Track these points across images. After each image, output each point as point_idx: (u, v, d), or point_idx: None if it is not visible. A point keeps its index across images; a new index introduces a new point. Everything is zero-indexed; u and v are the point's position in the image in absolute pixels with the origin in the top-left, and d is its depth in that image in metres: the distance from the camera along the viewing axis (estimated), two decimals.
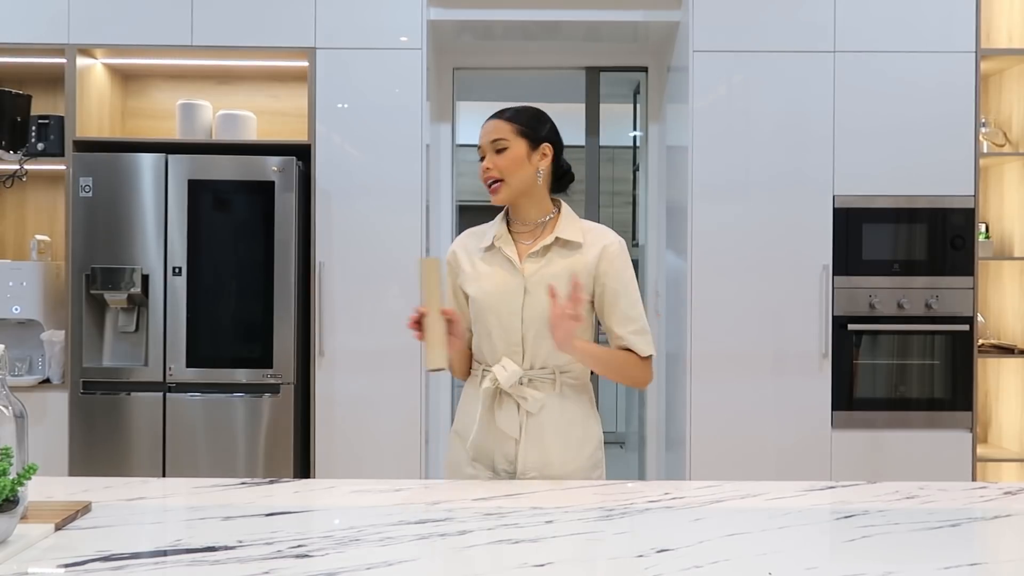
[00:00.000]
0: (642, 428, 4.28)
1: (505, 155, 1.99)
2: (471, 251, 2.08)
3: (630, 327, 2.00)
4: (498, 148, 1.99)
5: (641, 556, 1.40)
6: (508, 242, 2.03)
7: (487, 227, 2.10)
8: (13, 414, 1.49)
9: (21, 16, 3.59)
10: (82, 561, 1.33)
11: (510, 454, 1.98)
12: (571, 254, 2.00)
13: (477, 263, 2.05)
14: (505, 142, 1.99)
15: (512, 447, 1.98)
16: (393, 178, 3.60)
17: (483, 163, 2.02)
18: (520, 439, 1.97)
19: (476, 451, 2.01)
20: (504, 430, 1.97)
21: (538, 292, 1.96)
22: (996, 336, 3.89)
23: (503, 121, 2.02)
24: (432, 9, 3.68)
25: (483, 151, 2.02)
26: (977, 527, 1.60)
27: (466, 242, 2.11)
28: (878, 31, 3.55)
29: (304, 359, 3.61)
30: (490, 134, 2.01)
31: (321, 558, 1.36)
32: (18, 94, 3.46)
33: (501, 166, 1.99)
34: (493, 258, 2.04)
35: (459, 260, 2.09)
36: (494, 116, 2.04)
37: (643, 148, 4.36)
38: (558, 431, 1.98)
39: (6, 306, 3.60)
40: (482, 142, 2.02)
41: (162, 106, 4.00)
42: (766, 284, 3.55)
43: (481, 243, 2.06)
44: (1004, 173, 3.88)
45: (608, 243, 2.01)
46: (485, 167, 2.01)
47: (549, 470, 1.97)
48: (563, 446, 1.98)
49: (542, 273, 1.98)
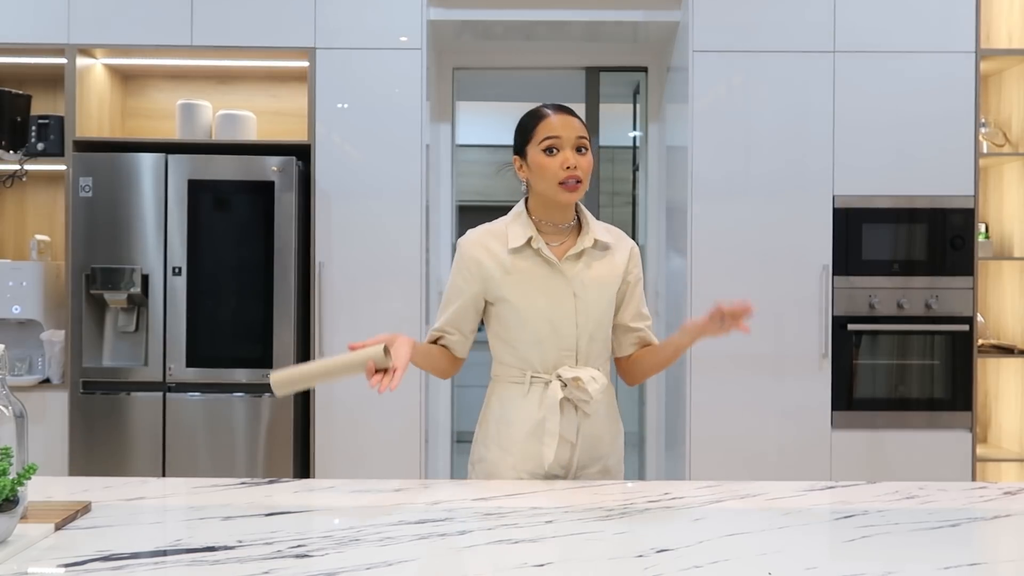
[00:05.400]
0: (642, 428, 4.28)
1: (587, 157, 1.92)
2: (495, 253, 1.95)
3: (645, 322, 2.06)
4: (581, 147, 1.91)
5: (641, 556, 1.40)
6: (543, 244, 1.94)
7: (499, 225, 1.99)
8: (13, 414, 1.49)
9: (21, 16, 3.59)
10: (82, 561, 1.33)
11: (564, 458, 1.96)
12: (604, 255, 1.99)
13: (508, 266, 1.94)
14: (587, 143, 1.93)
15: (568, 451, 1.95)
16: (393, 178, 3.60)
17: (556, 156, 1.90)
18: (576, 442, 1.96)
19: (542, 466, 1.94)
20: (564, 436, 1.94)
21: (586, 295, 1.94)
22: (996, 336, 3.89)
23: (581, 122, 1.95)
24: (432, 9, 3.68)
25: (560, 143, 1.90)
26: (977, 527, 1.60)
27: (486, 243, 1.97)
28: (878, 31, 3.55)
29: (304, 359, 3.60)
30: (576, 129, 1.92)
31: (321, 558, 1.36)
32: (18, 94, 3.46)
33: (585, 168, 1.91)
34: (526, 259, 1.94)
35: (485, 266, 1.95)
36: (569, 112, 1.95)
37: (643, 148, 4.36)
38: (604, 425, 2.00)
39: (6, 306, 3.60)
40: (564, 134, 1.90)
41: (162, 106, 4.00)
42: (766, 284, 3.55)
43: (507, 243, 1.95)
44: (1004, 173, 3.88)
45: (632, 244, 2.05)
46: (572, 164, 1.89)
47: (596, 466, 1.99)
48: (610, 439, 2.01)
49: (583, 276, 1.94)
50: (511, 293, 1.94)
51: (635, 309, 2.03)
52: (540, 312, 1.93)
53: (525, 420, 1.95)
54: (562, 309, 1.93)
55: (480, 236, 1.99)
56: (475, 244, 1.98)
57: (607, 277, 1.97)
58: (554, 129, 1.91)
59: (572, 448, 1.96)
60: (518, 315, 1.94)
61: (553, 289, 1.93)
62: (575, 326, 1.93)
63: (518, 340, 1.96)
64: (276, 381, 1.84)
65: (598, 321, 1.97)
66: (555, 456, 1.94)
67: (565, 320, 1.93)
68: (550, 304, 1.93)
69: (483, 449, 2.01)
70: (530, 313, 1.93)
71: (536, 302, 1.93)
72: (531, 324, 1.93)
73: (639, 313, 2.04)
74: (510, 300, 1.94)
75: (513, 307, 1.94)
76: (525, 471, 1.95)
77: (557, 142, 1.90)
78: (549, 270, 1.94)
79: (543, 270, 1.94)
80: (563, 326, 1.93)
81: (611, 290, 1.98)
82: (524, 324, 1.94)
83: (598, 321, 1.97)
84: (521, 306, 1.93)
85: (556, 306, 1.93)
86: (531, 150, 1.93)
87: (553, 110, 1.94)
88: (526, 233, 1.94)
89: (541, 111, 1.95)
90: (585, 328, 1.94)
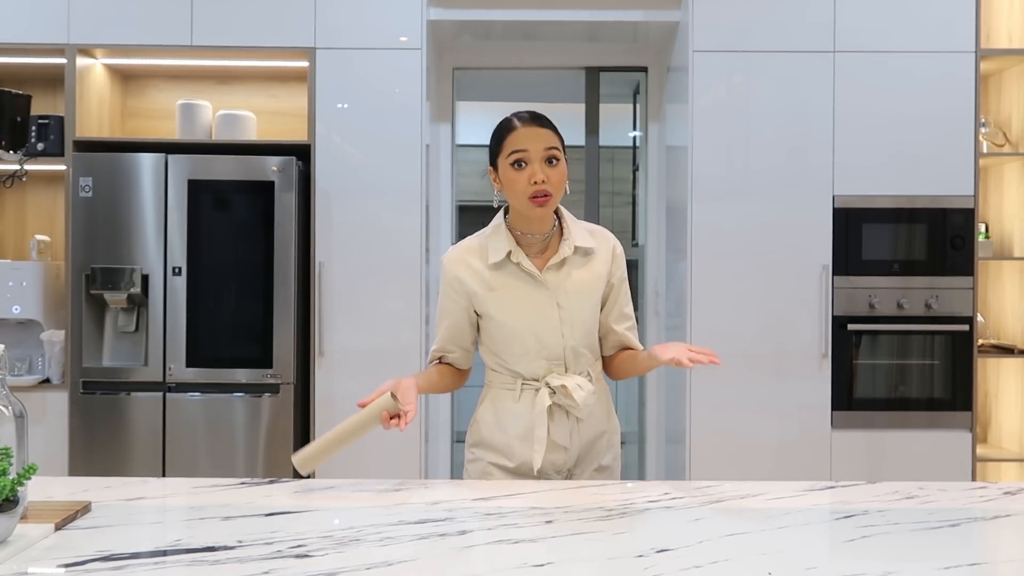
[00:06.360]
0: (642, 427, 4.28)
1: (559, 169, 1.86)
2: (477, 270, 1.94)
3: (626, 324, 2.03)
4: (551, 158, 1.86)
5: (641, 556, 1.40)
6: (523, 256, 1.92)
7: (478, 240, 1.98)
8: (13, 414, 1.49)
9: (21, 16, 3.59)
10: (82, 561, 1.33)
11: (558, 462, 1.96)
12: (586, 261, 1.96)
13: (490, 282, 1.93)
14: (559, 153, 1.87)
15: (562, 455, 1.96)
16: (393, 178, 3.60)
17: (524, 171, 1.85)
18: (570, 446, 1.96)
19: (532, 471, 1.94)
20: (557, 441, 1.94)
21: (569, 304, 1.93)
22: (996, 336, 3.89)
23: (552, 131, 1.88)
24: (432, 9, 3.68)
25: (528, 157, 1.85)
26: (977, 527, 1.60)
27: (467, 261, 1.95)
28: (878, 31, 3.55)
29: (304, 359, 3.61)
30: (545, 140, 1.86)
31: (321, 558, 1.36)
32: (18, 94, 3.45)
33: (555, 181, 1.85)
34: (507, 274, 1.92)
35: (466, 284, 1.94)
36: (540, 122, 1.89)
37: (643, 148, 4.36)
38: (598, 427, 2.00)
39: (6, 306, 3.60)
40: (531, 147, 1.85)
41: (162, 106, 4.00)
42: (766, 284, 3.55)
43: (486, 259, 1.93)
44: (1004, 173, 3.88)
45: (614, 244, 2.02)
46: (539, 179, 1.84)
47: (591, 466, 1.99)
48: (605, 440, 2.01)
49: (566, 285, 1.93)
50: (495, 310, 1.93)
51: (618, 310, 2.01)
52: (525, 326, 1.92)
53: (516, 424, 1.96)
54: (547, 321, 1.92)
55: (460, 254, 1.97)
56: (456, 263, 1.96)
57: (590, 282, 1.96)
58: (521, 142, 1.86)
59: (566, 452, 1.96)
60: (503, 330, 1.94)
61: (536, 302, 1.92)
62: (561, 336, 1.93)
63: (505, 353, 1.96)
64: (299, 461, 1.85)
65: (584, 328, 1.96)
66: (549, 460, 1.95)
67: (550, 332, 1.92)
68: (534, 317, 1.92)
69: (476, 451, 2.02)
70: (515, 328, 1.92)
71: (520, 317, 1.92)
72: (517, 338, 1.93)
73: (622, 314, 2.02)
74: (495, 317, 1.94)
75: (498, 323, 1.94)
76: (518, 474, 1.96)
77: (524, 155, 1.86)
78: (531, 283, 1.92)
79: (525, 283, 1.92)
80: (549, 337, 1.92)
81: (595, 295, 1.97)
82: (510, 339, 1.94)
83: (584, 328, 1.96)
84: (506, 322, 1.93)
85: (540, 319, 1.92)
86: (501, 163, 1.90)
87: (522, 121, 1.89)
88: (505, 248, 1.92)
89: (510, 122, 1.91)
90: (571, 337, 1.94)
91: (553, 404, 1.93)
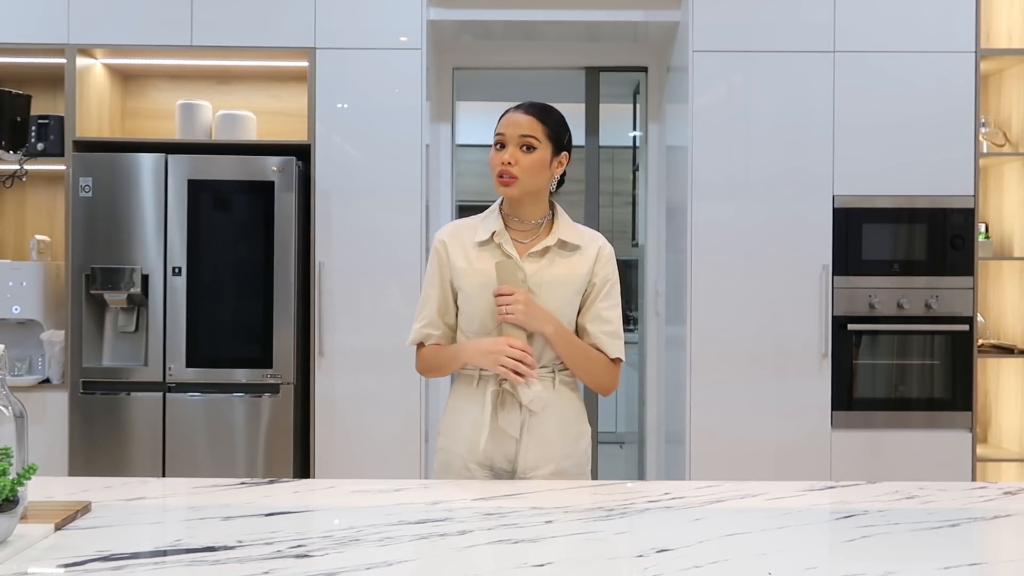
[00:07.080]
0: (642, 428, 4.28)
1: (531, 156, 1.94)
2: (463, 245, 2.00)
3: (603, 327, 2.00)
4: (525, 145, 1.94)
5: (641, 556, 1.40)
6: (507, 239, 1.98)
7: (477, 220, 2.05)
8: (13, 414, 1.49)
9: (21, 16, 3.59)
10: (82, 561, 1.33)
11: (510, 453, 1.97)
12: (570, 256, 1.99)
13: (472, 258, 1.99)
14: (535, 142, 1.94)
15: (512, 446, 1.97)
16: (393, 178, 3.60)
17: (500, 152, 1.95)
18: (521, 438, 1.96)
19: (476, 453, 1.97)
20: (506, 430, 1.96)
21: (542, 293, 1.95)
22: (996, 336, 3.89)
23: (536, 120, 1.96)
24: (432, 9, 3.68)
25: (504, 140, 1.95)
26: (977, 527, 1.60)
27: (458, 234, 2.03)
28: (878, 31, 3.55)
29: (304, 359, 3.61)
30: (521, 127, 1.95)
31: (321, 558, 1.36)
32: (18, 94, 3.46)
33: (524, 166, 1.94)
34: (489, 254, 1.98)
35: (450, 252, 2.00)
36: (525, 110, 1.97)
37: (643, 148, 4.36)
38: (557, 427, 1.98)
39: (6, 306, 3.60)
40: (507, 131, 1.95)
41: (162, 106, 4.00)
42: (766, 284, 3.55)
43: (475, 236, 2.00)
44: (1004, 173, 3.88)
45: (602, 245, 2.04)
46: (505, 160, 1.93)
47: (548, 467, 1.97)
48: (562, 442, 1.98)
49: (543, 274, 1.96)
50: (468, 284, 1.98)
51: (596, 311, 2.00)
52: (490, 305, 1.94)
53: (469, 411, 1.98)
54: None
55: (454, 227, 2.07)
56: (447, 231, 2.06)
57: (569, 277, 1.97)
58: (502, 126, 1.98)
59: (516, 444, 1.96)
60: (473, 307, 1.98)
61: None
62: None
63: (471, 332, 2.00)
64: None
65: None
66: (499, 451, 1.96)
67: None
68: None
69: (440, 439, 2.07)
70: (484, 306, 1.95)
71: (489, 296, 1.95)
72: (480, 316, 1.96)
73: (599, 316, 2.00)
74: (466, 291, 1.98)
75: (468, 298, 1.98)
76: (473, 461, 1.98)
77: (502, 138, 1.97)
78: None
79: None
80: None
81: (572, 289, 1.98)
82: (476, 317, 1.97)
83: None
84: (477, 298, 1.97)
85: None
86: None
87: (514, 109, 2.00)
88: (492, 228, 1.99)
89: (507, 109, 2.01)
90: None
91: (504, 392, 1.95)
